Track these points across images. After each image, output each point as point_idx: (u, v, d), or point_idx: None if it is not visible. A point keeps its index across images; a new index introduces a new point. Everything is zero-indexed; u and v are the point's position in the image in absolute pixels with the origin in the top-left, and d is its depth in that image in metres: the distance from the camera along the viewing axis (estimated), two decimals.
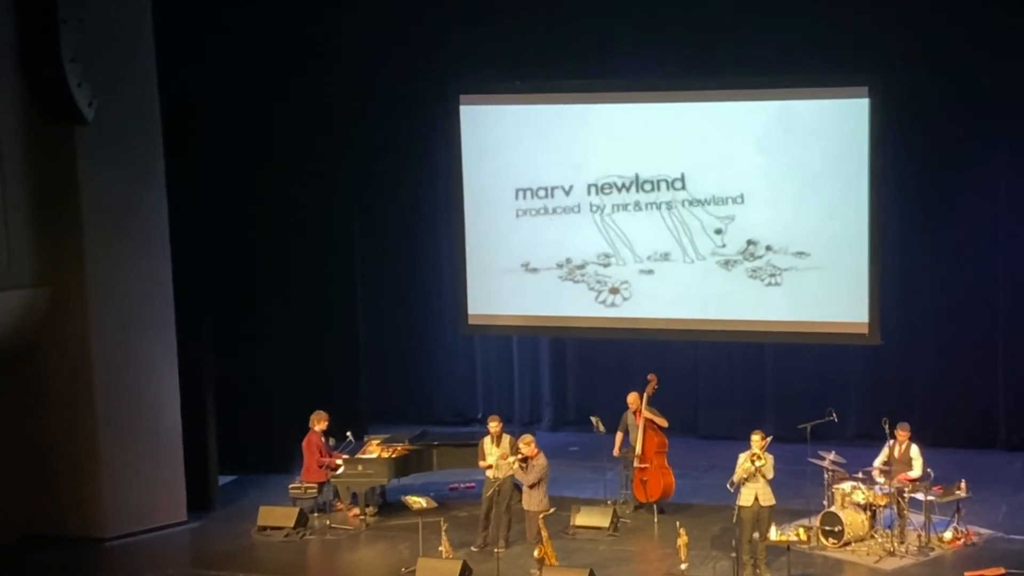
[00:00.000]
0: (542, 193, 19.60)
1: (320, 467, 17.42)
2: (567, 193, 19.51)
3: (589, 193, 19.40)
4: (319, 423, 17.46)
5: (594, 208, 19.40)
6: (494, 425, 16.52)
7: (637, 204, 19.26)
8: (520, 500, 16.32)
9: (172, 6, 17.26)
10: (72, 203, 16.57)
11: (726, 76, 18.87)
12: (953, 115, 18.81)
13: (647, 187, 19.20)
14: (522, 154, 19.69)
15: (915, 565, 15.52)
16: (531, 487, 15.90)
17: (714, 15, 18.82)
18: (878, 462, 16.30)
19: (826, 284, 18.65)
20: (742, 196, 18.88)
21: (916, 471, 16.09)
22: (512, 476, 16.26)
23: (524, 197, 19.68)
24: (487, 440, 16.51)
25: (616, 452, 17.52)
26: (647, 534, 16.87)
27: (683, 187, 19.09)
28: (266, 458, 19.17)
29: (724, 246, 19.04)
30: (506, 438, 16.52)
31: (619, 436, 17.47)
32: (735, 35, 18.83)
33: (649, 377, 17.40)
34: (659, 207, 19.21)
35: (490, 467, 16.37)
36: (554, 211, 19.59)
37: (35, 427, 16.94)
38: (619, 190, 19.30)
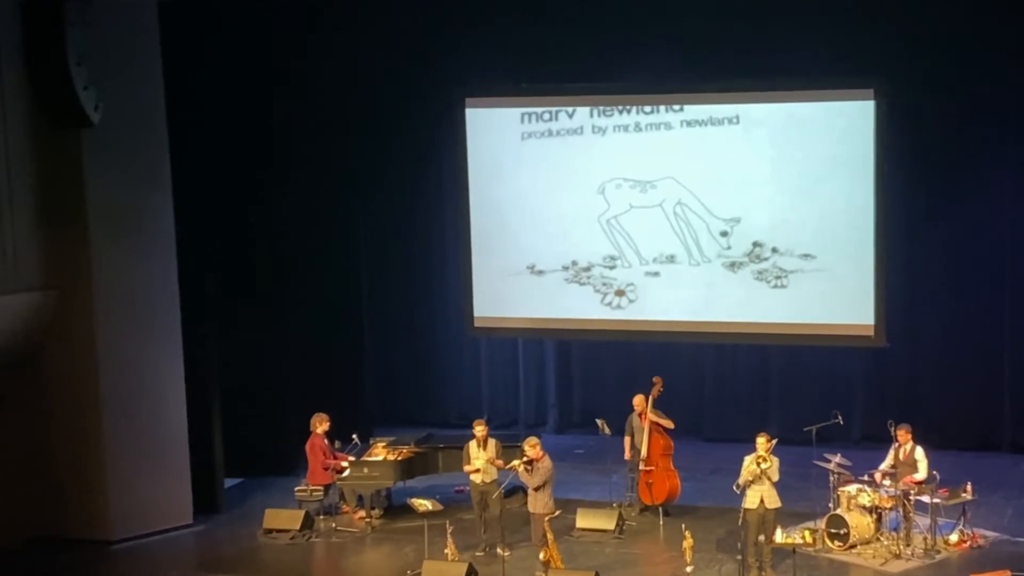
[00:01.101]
0: (547, 114, 19.55)
1: (325, 469, 17.43)
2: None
3: (603, 197, 19.46)
4: (321, 425, 17.45)
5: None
6: (480, 429, 16.53)
7: (645, 206, 19.32)
8: (525, 503, 16.33)
9: (177, 9, 17.27)
10: (78, 206, 16.61)
11: (731, 78, 18.87)
12: (959, 117, 18.79)
13: (651, 188, 19.26)
14: (527, 156, 19.72)
15: (921, 568, 15.52)
16: (536, 490, 15.88)
17: (719, 17, 18.79)
18: (884, 466, 16.30)
19: (832, 286, 18.63)
20: (747, 199, 18.89)
21: (921, 473, 16.08)
22: (497, 479, 16.32)
23: (529, 121, 19.67)
24: (473, 444, 16.52)
25: (627, 456, 17.48)
26: (652, 537, 16.88)
27: (689, 191, 19.11)
28: (272, 461, 19.18)
29: (730, 248, 19.04)
30: (492, 442, 16.53)
31: (627, 440, 17.46)
32: (740, 37, 18.81)
33: (655, 379, 17.41)
34: (665, 208, 19.25)
35: (476, 471, 16.39)
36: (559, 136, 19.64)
37: (41, 430, 16.97)
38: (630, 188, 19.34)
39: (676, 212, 19.22)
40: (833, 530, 15.95)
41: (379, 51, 20.09)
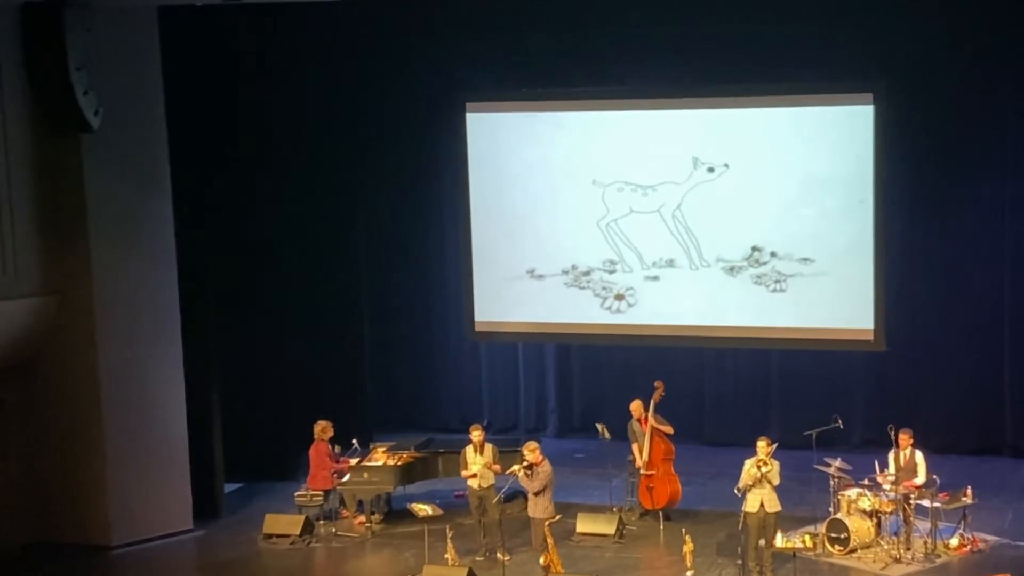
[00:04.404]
0: (547, 119, 19.51)
1: (331, 474, 17.44)
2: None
3: (603, 201, 19.47)
4: (325, 432, 17.46)
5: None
6: (476, 434, 16.54)
7: (644, 211, 19.33)
8: (525, 507, 16.33)
9: (178, 14, 17.27)
10: (78, 211, 16.62)
11: (732, 83, 18.87)
12: (958, 121, 18.79)
13: (651, 192, 19.27)
14: (528, 160, 19.74)
15: (921, 572, 15.51)
16: (536, 494, 15.90)
17: (720, 22, 18.79)
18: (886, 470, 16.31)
19: (831, 290, 18.63)
20: (747, 202, 18.89)
21: (921, 477, 16.09)
22: (494, 484, 16.32)
23: (529, 125, 19.65)
24: (469, 449, 16.52)
25: (639, 463, 17.32)
26: (653, 541, 16.88)
27: (689, 193, 19.13)
28: (272, 466, 19.18)
29: (729, 252, 19.01)
30: (488, 447, 16.54)
31: (636, 446, 17.41)
32: (741, 42, 18.81)
33: (656, 384, 17.40)
34: (663, 213, 19.25)
35: (473, 476, 16.39)
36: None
37: (41, 435, 16.98)
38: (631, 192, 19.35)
39: (676, 216, 19.23)
40: (833, 534, 15.95)
41: (379, 56, 20.09)
